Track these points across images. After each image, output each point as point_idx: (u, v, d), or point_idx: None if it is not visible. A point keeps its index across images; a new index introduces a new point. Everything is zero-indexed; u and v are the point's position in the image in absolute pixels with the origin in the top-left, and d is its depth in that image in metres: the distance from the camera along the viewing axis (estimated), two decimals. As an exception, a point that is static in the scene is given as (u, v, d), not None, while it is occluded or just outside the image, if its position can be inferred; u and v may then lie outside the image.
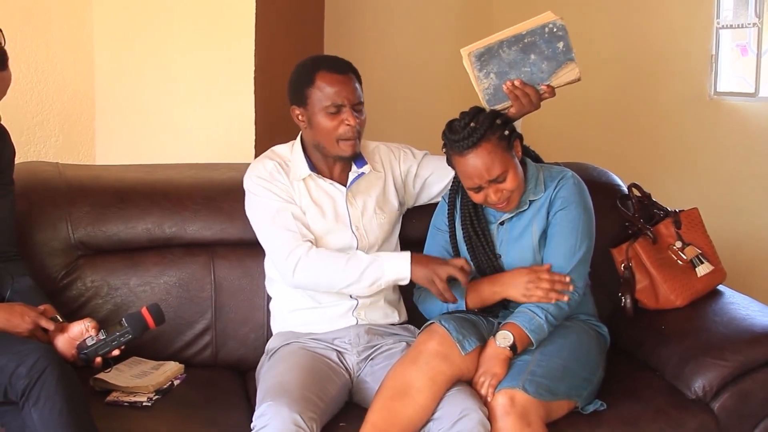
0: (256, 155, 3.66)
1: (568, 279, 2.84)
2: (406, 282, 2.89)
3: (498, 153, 2.80)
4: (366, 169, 3.03)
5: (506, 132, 2.83)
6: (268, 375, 2.82)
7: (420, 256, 2.91)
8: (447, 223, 3.02)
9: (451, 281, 2.84)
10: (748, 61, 5.30)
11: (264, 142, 3.79)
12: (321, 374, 2.80)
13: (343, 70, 2.95)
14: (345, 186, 3.02)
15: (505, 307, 2.96)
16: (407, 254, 2.88)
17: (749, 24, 5.26)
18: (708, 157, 5.38)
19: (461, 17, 6.52)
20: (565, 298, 2.83)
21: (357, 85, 2.95)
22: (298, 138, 3.07)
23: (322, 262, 2.88)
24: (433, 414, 2.66)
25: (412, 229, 3.21)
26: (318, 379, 2.76)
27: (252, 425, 2.57)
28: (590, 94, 5.71)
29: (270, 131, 3.90)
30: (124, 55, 3.98)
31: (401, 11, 6.26)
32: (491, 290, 2.92)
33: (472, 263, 2.95)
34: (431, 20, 6.39)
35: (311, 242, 2.92)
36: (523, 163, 2.95)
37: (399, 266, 2.86)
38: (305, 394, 2.63)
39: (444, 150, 2.88)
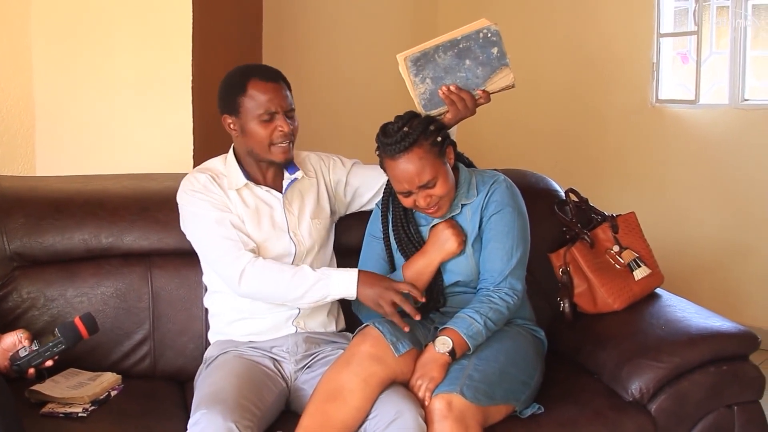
0: (195, 165, 3.65)
1: None
2: (352, 298, 2.88)
3: (429, 159, 2.80)
4: (298, 174, 3.03)
5: (439, 138, 2.84)
6: (205, 383, 2.80)
7: (367, 275, 2.87)
8: (381, 229, 3.02)
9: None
10: (688, 69, 5.39)
11: (202, 152, 3.79)
12: (258, 382, 2.78)
13: (274, 78, 2.95)
14: (281, 192, 3.02)
15: (437, 309, 2.99)
16: (354, 274, 2.85)
17: (689, 32, 5.35)
18: (650, 163, 5.45)
19: (403, 27, 6.54)
20: None
21: (288, 92, 2.96)
22: (231, 150, 3.06)
23: (267, 275, 2.86)
24: (368, 415, 2.65)
25: (346, 237, 3.21)
26: (255, 387, 2.74)
27: None
28: (532, 102, 5.78)
29: (208, 141, 3.90)
30: (62, 66, 3.96)
31: (341, 23, 6.25)
32: (423, 263, 2.92)
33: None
34: (372, 32, 6.39)
35: (254, 250, 2.91)
36: (456, 169, 2.97)
37: (345, 286, 2.84)
38: (241, 402, 2.61)
39: (377, 153, 2.88)
